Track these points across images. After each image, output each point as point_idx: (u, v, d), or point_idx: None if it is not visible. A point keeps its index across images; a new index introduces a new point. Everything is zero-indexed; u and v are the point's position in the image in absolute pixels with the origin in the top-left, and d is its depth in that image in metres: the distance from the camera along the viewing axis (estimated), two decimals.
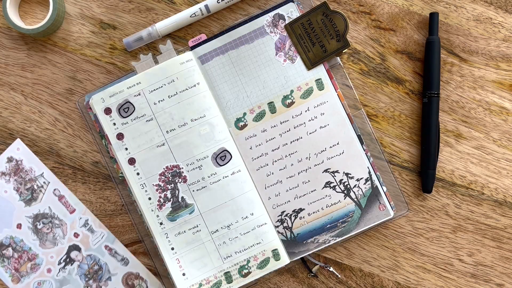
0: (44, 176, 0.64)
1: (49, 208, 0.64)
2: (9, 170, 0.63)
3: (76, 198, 0.64)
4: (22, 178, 0.63)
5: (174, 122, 0.62)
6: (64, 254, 0.64)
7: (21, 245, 0.63)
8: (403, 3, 0.65)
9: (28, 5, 0.65)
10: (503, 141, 0.64)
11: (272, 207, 0.63)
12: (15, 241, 0.63)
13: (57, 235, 0.64)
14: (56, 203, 0.64)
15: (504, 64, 0.64)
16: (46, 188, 0.64)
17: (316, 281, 0.65)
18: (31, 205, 0.63)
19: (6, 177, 0.63)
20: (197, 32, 0.64)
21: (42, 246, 0.64)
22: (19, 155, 0.64)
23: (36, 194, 0.64)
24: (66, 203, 0.64)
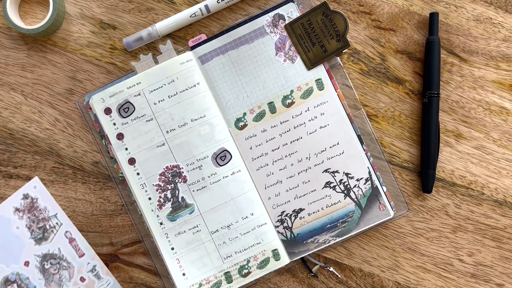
0: (58, 217, 0.64)
1: (58, 250, 0.63)
2: (24, 207, 0.63)
3: (86, 242, 0.64)
4: (36, 216, 0.63)
5: (174, 122, 0.62)
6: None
7: (26, 283, 0.63)
8: (403, 3, 0.65)
9: (28, 5, 0.65)
10: (503, 141, 0.64)
11: (272, 207, 0.63)
12: (21, 278, 0.63)
13: (63, 277, 0.64)
14: (66, 245, 0.64)
15: (504, 64, 0.64)
16: (58, 229, 0.63)
17: (316, 281, 0.65)
18: (41, 244, 0.63)
19: (19, 213, 0.63)
20: (197, 32, 0.64)
21: (47, 286, 0.63)
22: (35, 193, 0.64)
23: (48, 234, 0.63)
24: (76, 246, 0.64)
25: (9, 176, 0.65)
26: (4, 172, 0.65)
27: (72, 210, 0.65)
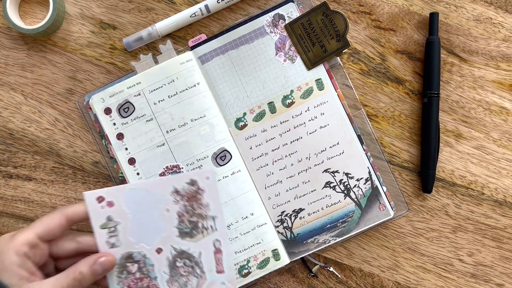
0: (215, 221, 0.58)
1: (199, 254, 0.58)
2: (185, 192, 0.57)
3: (231, 261, 0.59)
4: (193, 208, 0.57)
5: (174, 122, 0.62)
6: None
7: (148, 269, 0.57)
8: (403, 3, 0.65)
9: (28, 5, 0.65)
10: (503, 141, 0.64)
11: (272, 207, 0.63)
12: (145, 262, 0.57)
13: (190, 283, 0.58)
14: (210, 253, 0.58)
15: (504, 64, 0.64)
16: (209, 233, 0.58)
17: (316, 281, 0.65)
18: (184, 239, 0.57)
19: (177, 197, 0.57)
20: (197, 32, 0.64)
21: (168, 285, 0.58)
22: (204, 184, 0.58)
23: (196, 232, 0.58)
24: (219, 259, 0.58)
25: (9, 176, 0.65)
26: (4, 172, 0.65)
27: None
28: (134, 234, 0.57)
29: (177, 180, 0.58)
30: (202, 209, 0.58)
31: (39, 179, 0.65)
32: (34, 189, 0.65)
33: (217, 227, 0.58)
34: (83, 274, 0.53)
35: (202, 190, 0.58)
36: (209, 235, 0.58)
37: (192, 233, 0.58)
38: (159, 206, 0.58)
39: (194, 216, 0.58)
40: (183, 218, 0.58)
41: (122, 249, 0.57)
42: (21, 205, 0.65)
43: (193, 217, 0.58)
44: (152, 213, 0.57)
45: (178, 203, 0.58)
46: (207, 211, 0.58)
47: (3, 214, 0.65)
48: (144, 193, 0.57)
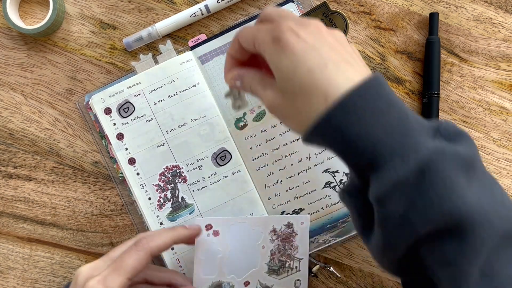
0: (300, 263, 0.61)
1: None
2: (281, 233, 0.61)
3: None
4: (284, 249, 0.61)
5: (174, 122, 0.62)
6: None
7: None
8: (403, 3, 0.65)
9: (28, 5, 0.65)
10: (503, 141, 0.65)
11: (272, 207, 0.63)
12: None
13: None
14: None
15: (504, 64, 0.64)
16: (293, 273, 0.61)
17: (316, 281, 0.65)
18: (271, 275, 0.61)
19: (274, 236, 0.61)
20: (197, 32, 0.64)
21: None
22: (299, 228, 0.61)
23: (282, 270, 0.61)
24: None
25: (9, 176, 0.65)
26: (4, 172, 0.65)
27: (72, 210, 0.65)
28: (229, 265, 0.60)
29: (277, 221, 0.61)
30: (292, 250, 0.61)
31: (39, 179, 0.65)
32: (34, 189, 0.65)
33: (301, 268, 0.62)
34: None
35: (295, 233, 0.61)
36: (293, 275, 0.62)
37: (279, 271, 0.61)
38: (257, 243, 0.61)
39: (284, 255, 0.61)
40: (274, 256, 0.61)
41: (214, 278, 0.60)
42: (21, 205, 0.65)
43: (283, 257, 0.61)
44: (249, 248, 0.61)
45: (273, 242, 0.61)
46: (295, 253, 0.61)
47: (3, 214, 0.65)
48: (246, 227, 0.61)
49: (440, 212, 0.39)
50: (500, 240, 0.40)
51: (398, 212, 0.40)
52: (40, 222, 0.65)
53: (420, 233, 0.40)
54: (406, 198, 0.39)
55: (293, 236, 0.62)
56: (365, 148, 0.40)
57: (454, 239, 0.39)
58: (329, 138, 0.42)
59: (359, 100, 0.40)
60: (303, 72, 0.43)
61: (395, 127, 0.40)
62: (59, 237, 0.65)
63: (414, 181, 0.39)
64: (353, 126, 0.40)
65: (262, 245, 0.61)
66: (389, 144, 0.40)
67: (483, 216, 0.39)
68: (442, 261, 0.40)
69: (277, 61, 0.44)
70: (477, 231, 0.39)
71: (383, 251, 0.43)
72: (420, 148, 0.40)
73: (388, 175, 0.40)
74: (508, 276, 0.39)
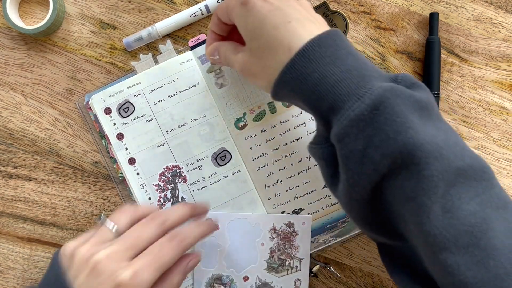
0: (301, 263, 0.62)
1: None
2: (281, 232, 0.62)
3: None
4: (284, 247, 0.62)
5: (174, 122, 0.62)
6: None
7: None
8: (403, 3, 0.65)
9: (28, 5, 0.65)
10: (503, 141, 0.64)
11: (272, 207, 0.63)
12: (231, 286, 0.62)
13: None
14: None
15: (504, 64, 0.64)
16: (292, 272, 0.62)
17: (316, 281, 0.65)
18: (270, 272, 0.62)
19: (273, 234, 0.62)
20: (197, 32, 0.64)
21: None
22: (300, 228, 0.62)
23: (281, 269, 0.62)
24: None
25: (9, 176, 0.65)
26: (4, 172, 0.65)
27: (72, 210, 0.65)
28: (228, 259, 0.62)
29: (277, 219, 0.62)
30: (292, 250, 0.62)
31: (39, 179, 0.65)
32: (34, 189, 0.65)
33: (301, 268, 0.62)
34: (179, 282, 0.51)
35: (296, 233, 0.62)
36: (293, 274, 0.62)
37: (278, 269, 0.62)
38: (256, 239, 0.62)
39: (283, 254, 0.62)
40: (273, 254, 0.62)
41: (214, 270, 0.62)
42: (21, 205, 0.65)
43: (283, 255, 0.62)
44: (249, 244, 0.62)
45: (273, 240, 0.62)
46: (296, 253, 0.62)
47: (3, 214, 0.65)
48: (246, 224, 0.62)
49: (396, 145, 0.41)
50: (457, 176, 0.41)
51: (358, 149, 0.42)
52: (40, 222, 0.65)
53: (380, 168, 0.42)
54: (363, 134, 0.42)
55: (294, 236, 0.62)
56: (326, 92, 0.44)
57: (412, 174, 0.41)
58: (293, 86, 0.45)
59: (318, 49, 0.44)
60: (269, 28, 0.47)
61: (352, 71, 0.44)
62: (59, 237, 0.65)
63: (369, 116, 0.42)
64: (313, 72, 0.44)
65: (261, 242, 0.62)
66: (347, 86, 0.43)
67: (437, 150, 0.41)
68: (403, 197, 0.42)
69: (244, 22, 0.49)
70: (430, 163, 0.41)
71: (350, 193, 0.44)
72: (374, 87, 0.42)
73: (346, 114, 0.43)
74: (468, 211, 0.41)
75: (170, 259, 0.49)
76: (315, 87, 0.44)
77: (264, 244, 0.62)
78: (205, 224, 0.55)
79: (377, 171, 0.42)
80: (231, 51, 0.53)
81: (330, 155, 0.46)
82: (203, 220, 0.57)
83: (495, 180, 0.44)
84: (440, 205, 0.41)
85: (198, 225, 0.54)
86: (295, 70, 0.45)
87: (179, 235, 0.51)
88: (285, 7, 0.47)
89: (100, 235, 0.50)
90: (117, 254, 0.48)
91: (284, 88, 0.46)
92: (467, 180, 0.42)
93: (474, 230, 0.40)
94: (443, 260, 0.40)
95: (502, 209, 0.43)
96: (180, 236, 0.51)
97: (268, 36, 0.47)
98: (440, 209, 0.41)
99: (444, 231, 0.40)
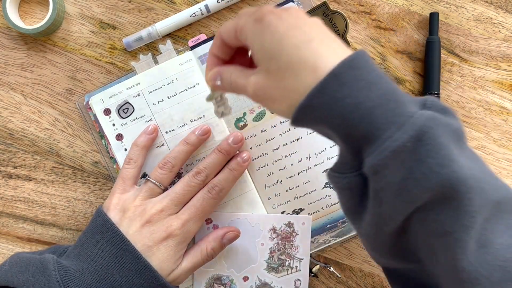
0: (301, 263, 0.62)
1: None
2: (281, 232, 0.62)
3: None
4: (284, 247, 0.62)
5: (174, 123, 0.62)
6: None
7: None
8: (403, 3, 0.65)
9: (28, 5, 0.65)
10: (504, 141, 0.64)
11: (272, 207, 0.63)
12: (231, 287, 0.62)
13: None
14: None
15: (504, 64, 0.64)
16: (292, 272, 0.62)
17: (316, 281, 0.65)
18: (270, 272, 0.62)
19: (273, 234, 0.62)
20: (197, 32, 0.64)
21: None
22: (299, 229, 0.62)
23: (282, 269, 0.62)
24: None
25: (9, 176, 0.65)
26: (3, 172, 0.65)
27: (72, 210, 0.65)
28: (228, 259, 0.62)
29: (277, 219, 0.62)
30: (292, 250, 0.62)
31: (39, 179, 0.65)
32: (34, 189, 0.65)
33: (301, 268, 0.62)
34: (215, 249, 0.59)
35: (296, 233, 0.62)
36: (293, 274, 0.62)
37: (278, 269, 0.62)
38: (256, 240, 0.62)
39: (283, 254, 0.62)
40: (273, 254, 0.62)
41: (214, 270, 0.62)
42: (21, 205, 0.65)
43: (282, 255, 0.62)
44: (248, 244, 0.62)
45: (273, 240, 0.62)
46: (295, 253, 0.62)
47: (3, 214, 0.65)
48: (246, 224, 0.62)
49: (438, 178, 0.38)
50: (493, 209, 0.40)
51: (396, 181, 0.39)
52: (40, 222, 0.65)
53: (417, 201, 0.39)
54: (404, 166, 0.39)
55: (294, 236, 0.62)
56: (361, 119, 0.39)
57: (450, 206, 0.39)
58: (321, 113, 0.41)
59: (352, 71, 0.40)
60: (289, 47, 0.42)
61: (388, 97, 0.40)
62: (59, 237, 0.65)
63: (411, 148, 0.39)
64: (347, 98, 0.39)
65: (261, 242, 0.62)
66: (384, 113, 0.39)
67: (477, 183, 0.39)
68: (437, 230, 0.40)
69: (261, 40, 0.43)
70: (472, 198, 0.39)
71: (379, 225, 0.42)
72: (415, 115, 0.39)
73: (386, 144, 0.39)
74: (502, 245, 0.40)
75: (211, 208, 0.58)
76: (348, 114, 0.40)
77: (264, 244, 0.62)
78: (237, 168, 0.60)
79: (414, 204, 0.40)
80: (239, 75, 0.47)
81: (357, 185, 0.43)
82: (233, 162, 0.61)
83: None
84: (475, 240, 0.39)
85: (231, 170, 0.60)
86: (325, 94, 0.40)
87: (217, 186, 0.58)
88: (302, 25, 0.43)
89: (148, 190, 0.58)
90: (169, 208, 0.56)
91: (311, 113, 0.41)
92: (500, 212, 0.41)
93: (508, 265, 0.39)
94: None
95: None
96: (217, 187, 0.58)
97: (289, 56, 0.42)
98: (476, 244, 0.39)
99: (480, 268, 0.39)
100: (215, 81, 0.50)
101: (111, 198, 0.58)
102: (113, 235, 0.54)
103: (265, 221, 0.62)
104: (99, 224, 0.56)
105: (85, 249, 0.55)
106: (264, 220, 0.62)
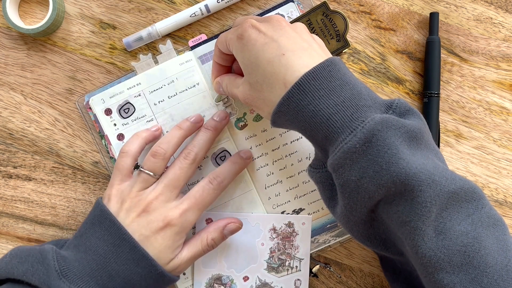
0: (301, 263, 0.62)
1: None
2: (281, 232, 0.62)
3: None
4: (284, 247, 0.62)
5: (174, 123, 0.62)
6: None
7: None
8: (403, 3, 0.65)
9: (28, 5, 0.65)
10: (503, 141, 0.64)
11: (272, 207, 0.63)
12: (231, 286, 0.62)
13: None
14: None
15: (504, 64, 0.64)
16: (292, 272, 0.62)
17: (316, 281, 0.65)
18: (270, 272, 0.62)
19: (273, 234, 0.62)
20: (197, 32, 0.64)
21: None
22: (300, 228, 0.62)
23: (282, 269, 0.62)
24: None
25: (8, 176, 0.65)
26: (3, 172, 0.65)
27: (72, 210, 0.65)
28: (228, 259, 0.62)
29: (277, 219, 0.62)
30: (292, 250, 0.62)
31: (38, 179, 0.65)
32: (34, 189, 0.65)
33: (301, 268, 0.62)
34: (215, 240, 0.59)
35: (296, 233, 0.62)
36: (293, 274, 0.62)
37: (278, 269, 0.62)
38: (256, 240, 0.62)
39: (283, 254, 0.62)
40: (273, 254, 0.62)
41: (214, 270, 0.62)
42: (20, 205, 0.65)
43: (283, 255, 0.62)
44: (248, 244, 0.62)
45: (273, 240, 0.62)
46: (296, 253, 0.62)
47: (3, 214, 0.65)
48: (246, 224, 0.62)
49: (389, 176, 0.43)
50: (448, 199, 0.44)
51: (353, 179, 0.45)
52: (40, 222, 0.65)
53: (375, 196, 0.44)
54: (357, 166, 0.44)
55: (294, 236, 0.62)
56: (320, 124, 0.46)
57: (406, 200, 0.43)
58: (290, 117, 0.48)
59: (313, 82, 0.46)
60: (264, 63, 0.49)
61: (346, 104, 0.46)
62: (59, 237, 0.65)
63: (361, 149, 0.44)
64: (309, 105, 0.46)
65: (261, 242, 0.62)
66: (340, 118, 0.45)
67: (428, 176, 0.43)
68: (398, 221, 0.44)
69: (242, 56, 0.51)
70: (424, 190, 0.43)
71: (347, 216, 0.47)
72: (367, 120, 0.45)
73: (339, 146, 0.45)
74: (461, 232, 0.43)
75: (211, 199, 0.58)
76: (310, 119, 0.46)
77: (264, 244, 0.62)
78: (239, 161, 0.60)
79: (372, 199, 0.45)
80: (231, 84, 0.55)
81: (327, 179, 0.49)
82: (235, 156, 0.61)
83: (485, 200, 0.46)
84: (433, 228, 0.43)
85: (233, 163, 0.60)
86: (291, 103, 0.47)
87: (218, 177, 0.58)
88: (278, 38, 0.49)
89: (142, 181, 0.57)
90: (164, 195, 0.56)
91: (282, 117, 0.49)
92: (458, 202, 0.44)
93: (467, 249, 0.43)
94: (439, 280, 0.43)
95: (493, 227, 0.45)
96: (219, 178, 0.58)
97: (264, 71, 0.49)
98: (433, 232, 0.43)
99: (439, 252, 0.43)
100: (218, 89, 0.59)
101: (109, 189, 0.58)
102: (111, 224, 0.55)
103: (265, 221, 0.62)
104: (97, 214, 0.56)
105: (84, 239, 0.55)
106: (264, 220, 0.62)
